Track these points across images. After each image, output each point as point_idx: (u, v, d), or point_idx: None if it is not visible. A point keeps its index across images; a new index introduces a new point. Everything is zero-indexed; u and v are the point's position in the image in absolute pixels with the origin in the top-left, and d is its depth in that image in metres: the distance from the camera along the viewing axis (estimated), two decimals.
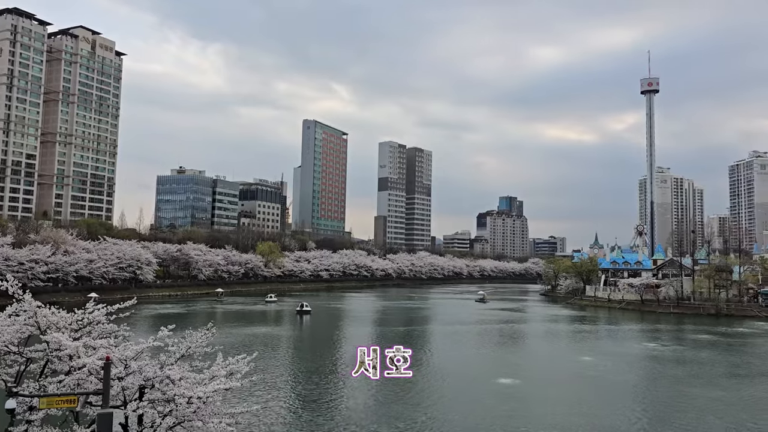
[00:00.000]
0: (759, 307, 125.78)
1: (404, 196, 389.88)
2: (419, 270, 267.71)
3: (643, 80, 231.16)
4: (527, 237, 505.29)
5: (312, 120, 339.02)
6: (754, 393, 51.04)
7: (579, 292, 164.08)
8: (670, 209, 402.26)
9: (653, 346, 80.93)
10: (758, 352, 77.91)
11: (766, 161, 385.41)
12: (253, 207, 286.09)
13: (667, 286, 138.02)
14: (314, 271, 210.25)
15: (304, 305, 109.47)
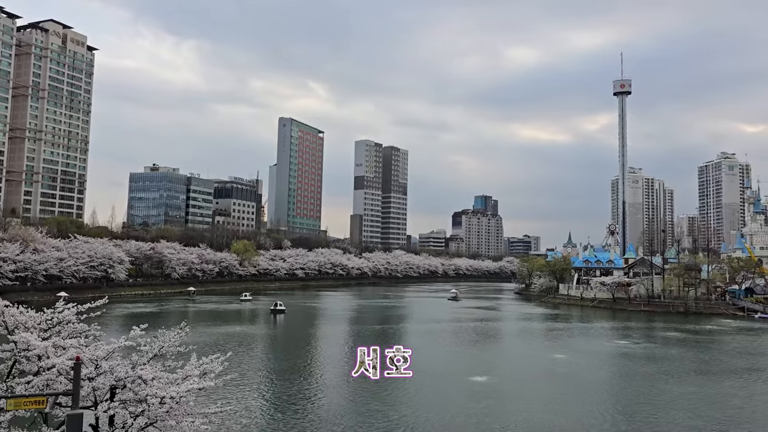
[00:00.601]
0: (726, 305, 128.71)
1: (380, 195, 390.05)
2: (395, 269, 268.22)
3: (616, 82, 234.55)
4: (502, 236, 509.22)
5: (288, 118, 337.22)
6: (721, 389, 52.21)
7: (552, 290, 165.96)
8: (641, 209, 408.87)
9: (625, 343, 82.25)
10: (726, 349, 79.66)
11: (733, 162, 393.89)
12: (228, 205, 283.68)
13: (638, 284, 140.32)
14: (290, 270, 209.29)
15: (278, 304, 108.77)
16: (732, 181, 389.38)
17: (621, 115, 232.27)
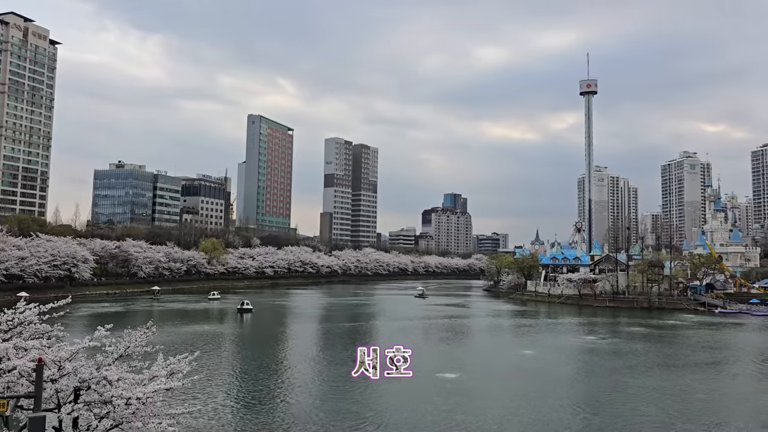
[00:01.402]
0: (688, 300, 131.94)
1: (350, 193, 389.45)
2: (365, 266, 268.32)
3: (582, 81, 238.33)
4: (471, 233, 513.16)
5: (257, 115, 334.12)
6: (683, 382, 53.52)
7: (521, 287, 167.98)
8: (606, 207, 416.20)
9: (591, 339, 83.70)
10: (687, 343, 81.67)
11: (695, 161, 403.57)
12: (196, 203, 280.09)
13: (603, 280, 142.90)
14: (259, 268, 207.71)
15: (245, 303, 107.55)
16: (693, 179, 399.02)
17: (587, 114, 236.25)
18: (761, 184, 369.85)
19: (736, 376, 57.80)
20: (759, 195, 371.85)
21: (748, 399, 47.91)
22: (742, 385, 54.00)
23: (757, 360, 68.32)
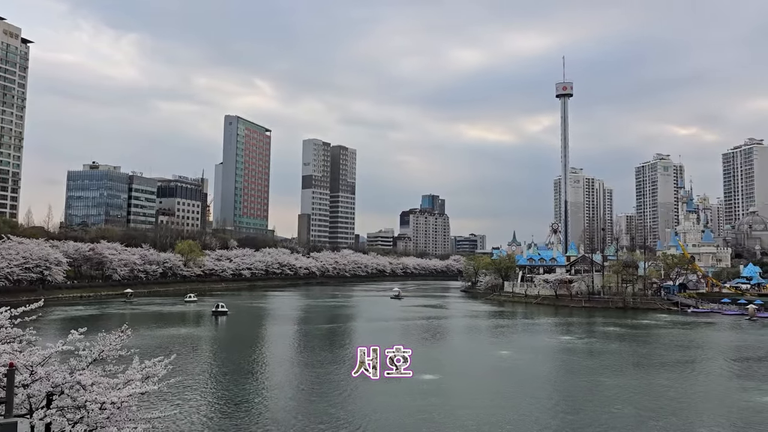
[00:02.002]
0: (661, 300, 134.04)
1: (328, 194, 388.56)
2: (343, 268, 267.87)
3: (558, 84, 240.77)
4: (449, 235, 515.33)
5: (234, 116, 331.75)
6: (657, 381, 54.39)
7: (498, 288, 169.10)
8: (582, 208, 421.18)
9: (567, 339, 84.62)
10: (661, 342, 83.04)
11: (668, 163, 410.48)
12: (172, 204, 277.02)
13: (579, 281, 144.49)
14: (236, 270, 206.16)
15: (220, 306, 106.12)
16: (667, 181, 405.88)
17: (563, 117, 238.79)
18: (732, 186, 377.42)
19: (708, 375, 58.89)
20: (730, 196, 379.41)
21: (719, 397, 48.87)
22: (714, 383, 55.03)
23: (728, 359, 69.69)
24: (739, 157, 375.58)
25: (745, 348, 76.95)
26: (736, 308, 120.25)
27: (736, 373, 60.16)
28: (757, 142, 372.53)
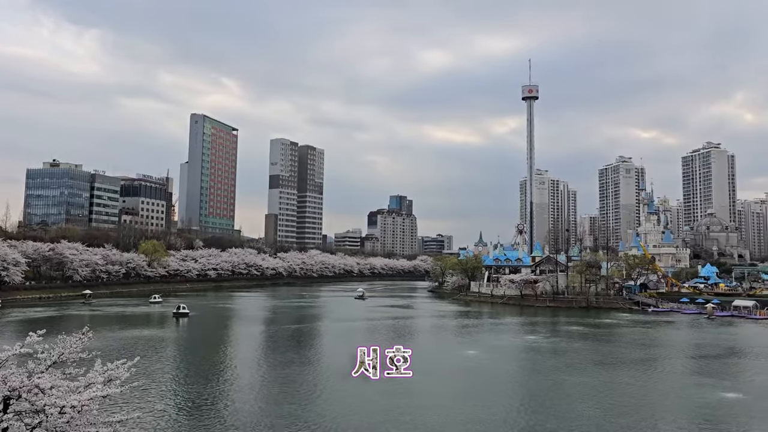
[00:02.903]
0: (623, 299, 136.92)
1: (296, 194, 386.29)
2: (310, 268, 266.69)
3: (524, 87, 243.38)
4: (416, 235, 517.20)
5: (200, 114, 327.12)
6: (618, 378, 55.61)
7: (464, 288, 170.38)
8: (547, 209, 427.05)
9: (532, 338, 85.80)
10: (623, 341, 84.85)
11: (630, 166, 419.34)
12: (136, 204, 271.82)
13: (544, 281, 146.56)
14: (202, 271, 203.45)
15: (182, 307, 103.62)
16: (629, 183, 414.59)
17: (529, 119, 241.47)
18: (691, 188, 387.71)
19: (668, 373, 60.42)
20: (689, 198, 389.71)
21: (679, 394, 50.17)
22: (673, 380, 56.47)
23: (685, 356, 71.67)
24: (698, 160, 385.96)
25: (703, 346, 79.12)
26: (695, 307, 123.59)
27: (695, 371, 61.87)
28: (714, 146, 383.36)
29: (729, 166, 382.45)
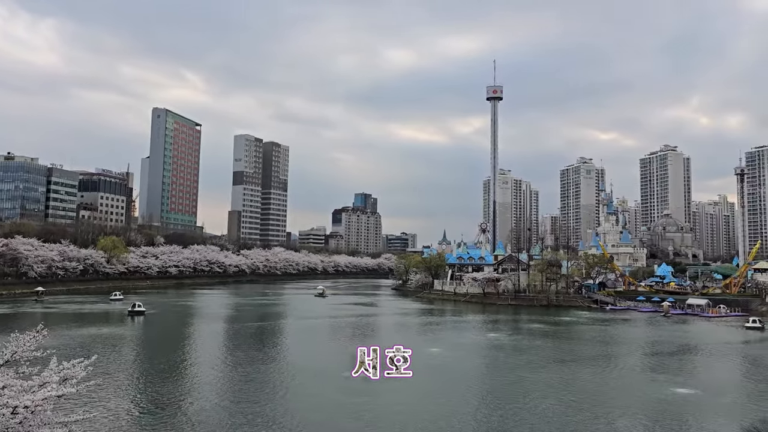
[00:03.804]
0: (583, 298, 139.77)
1: (260, 191, 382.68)
2: (274, 266, 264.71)
3: (489, 87, 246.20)
4: (381, 233, 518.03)
5: (162, 108, 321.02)
6: (577, 375, 56.77)
7: (428, 286, 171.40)
8: (510, 208, 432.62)
9: (494, 336, 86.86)
10: (582, 338, 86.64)
11: (590, 167, 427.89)
12: (95, 199, 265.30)
13: (506, 279, 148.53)
14: (162, 268, 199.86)
15: (137, 305, 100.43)
16: (589, 184, 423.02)
17: (493, 119, 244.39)
18: (648, 190, 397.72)
19: (625, 369, 61.95)
20: (646, 199, 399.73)
21: (635, 390, 51.47)
22: (630, 377, 57.94)
23: (642, 353, 73.60)
24: (655, 162, 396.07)
25: (658, 343, 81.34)
26: (650, 305, 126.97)
27: (650, 367, 63.59)
28: (671, 148, 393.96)
29: (684, 169, 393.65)
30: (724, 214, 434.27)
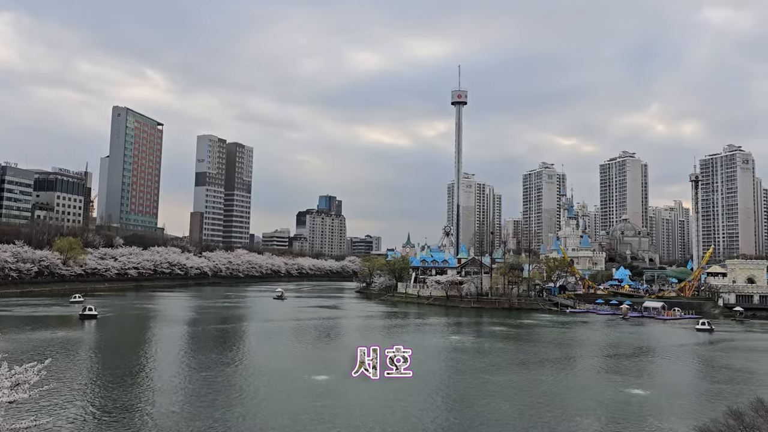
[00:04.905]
0: (543, 301, 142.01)
1: (223, 192, 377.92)
2: (236, 268, 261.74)
3: (454, 92, 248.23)
4: (345, 236, 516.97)
5: (123, 107, 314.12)
6: (538, 377, 57.68)
7: (392, 289, 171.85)
8: (473, 212, 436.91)
9: (457, 338, 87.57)
10: (542, 341, 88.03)
11: (552, 172, 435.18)
12: (51, 198, 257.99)
13: (469, 282, 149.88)
14: (122, 269, 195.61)
15: (89, 308, 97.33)
16: (551, 189, 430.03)
17: (457, 123, 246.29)
18: (607, 195, 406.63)
19: (583, 371, 63.27)
20: (605, 204, 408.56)
21: (593, 391, 52.58)
22: (588, 378, 59.16)
23: (600, 355, 75.20)
24: (614, 168, 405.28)
25: (616, 345, 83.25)
26: (609, 308, 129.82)
27: (609, 369, 65.03)
28: (629, 155, 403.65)
29: (642, 175, 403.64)
30: (680, 219, 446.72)
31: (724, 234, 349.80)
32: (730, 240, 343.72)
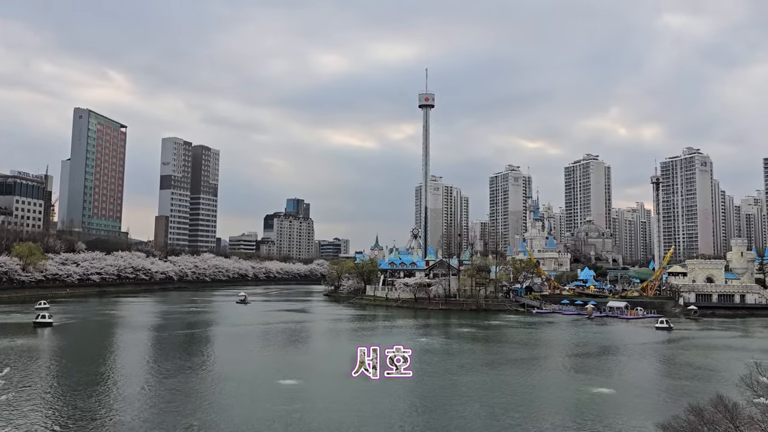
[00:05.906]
0: (510, 302, 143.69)
1: (189, 196, 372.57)
2: (203, 272, 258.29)
3: (421, 95, 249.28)
4: (313, 239, 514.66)
5: (85, 109, 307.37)
6: (506, 377, 58.36)
7: (360, 291, 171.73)
8: (441, 214, 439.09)
9: (425, 340, 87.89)
10: (510, 341, 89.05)
11: (518, 174, 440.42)
12: (10, 203, 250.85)
13: (437, 284, 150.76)
14: (84, 275, 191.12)
15: (43, 316, 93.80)
16: (517, 191, 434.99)
17: (425, 126, 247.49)
18: (572, 196, 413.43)
19: (549, 370, 64.16)
20: (570, 206, 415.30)
21: (559, 390, 53.42)
22: (554, 377, 60.05)
23: (565, 355, 76.40)
24: (578, 170, 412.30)
25: (581, 345, 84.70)
26: (574, 308, 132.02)
27: (574, 368, 66.12)
28: (593, 157, 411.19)
29: (605, 177, 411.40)
30: (642, 220, 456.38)
31: (684, 234, 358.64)
32: (689, 240, 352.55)
